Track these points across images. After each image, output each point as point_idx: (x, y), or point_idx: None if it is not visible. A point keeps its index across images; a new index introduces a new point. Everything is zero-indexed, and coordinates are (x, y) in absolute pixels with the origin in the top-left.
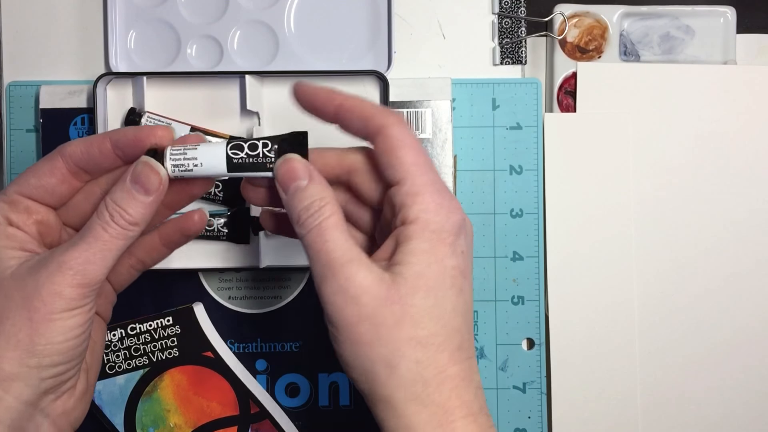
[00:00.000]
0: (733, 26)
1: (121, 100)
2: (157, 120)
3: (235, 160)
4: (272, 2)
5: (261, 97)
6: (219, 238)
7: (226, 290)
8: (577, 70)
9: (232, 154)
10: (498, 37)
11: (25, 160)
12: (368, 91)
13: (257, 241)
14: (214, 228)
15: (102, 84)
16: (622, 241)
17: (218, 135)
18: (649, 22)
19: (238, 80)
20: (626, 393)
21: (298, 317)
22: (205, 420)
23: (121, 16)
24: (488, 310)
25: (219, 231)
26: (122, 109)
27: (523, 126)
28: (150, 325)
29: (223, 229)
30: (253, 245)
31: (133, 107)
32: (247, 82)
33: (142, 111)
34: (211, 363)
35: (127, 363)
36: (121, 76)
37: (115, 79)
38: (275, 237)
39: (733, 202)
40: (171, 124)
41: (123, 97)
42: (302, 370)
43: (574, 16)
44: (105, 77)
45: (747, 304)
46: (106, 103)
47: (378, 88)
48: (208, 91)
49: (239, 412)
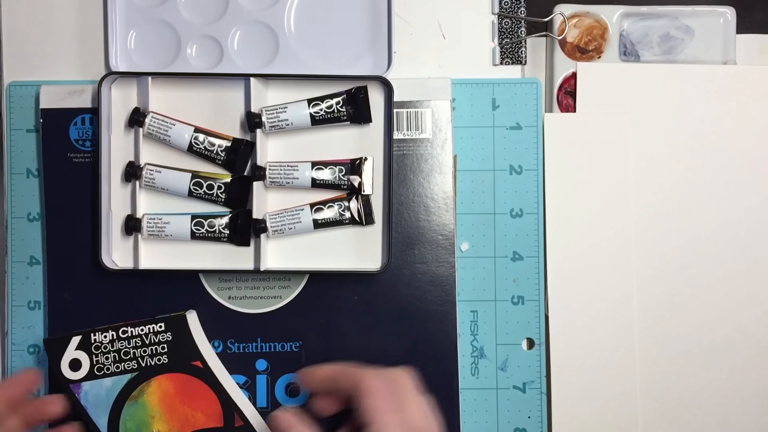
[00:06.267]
0: (733, 26)
1: (125, 100)
2: (160, 120)
3: None
4: (272, 2)
5: (266, 100)
6: (220, 240)
7: (226, 290)
8: (576, 70)
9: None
10: (498, 37)
11: (25, 160)
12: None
13: (258, 244)
14: (215, 229)
15: (107, 83)
16: (622, 241)
17: (223, 136)
18: (648, 23)
19: (243, 82)
20: (626, 393)
21: (298, 317)
22: (188, 429)
23: (121, 16)
24: (488, 310)
25: (220, 232)
26: (126, 109)
27: (523, 126)
28: (142, 329)
29: (224, 231)
30: (253, 248)
31: (138, 107)
32: (252, 84)
33: (146, 111)
34: (200, 373)
35: (115, 366)
36: (126, 76)
37: (120, 78)
38: (276, 239)
39: (732, 202)
40: (175, 125)
41: (127, 96)
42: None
43: (574, 16)
44: (110, 76)
45: (747, 303)
46: (111, 103)
47: (382, 93)
48: (212, 93)
49: (223, 425)
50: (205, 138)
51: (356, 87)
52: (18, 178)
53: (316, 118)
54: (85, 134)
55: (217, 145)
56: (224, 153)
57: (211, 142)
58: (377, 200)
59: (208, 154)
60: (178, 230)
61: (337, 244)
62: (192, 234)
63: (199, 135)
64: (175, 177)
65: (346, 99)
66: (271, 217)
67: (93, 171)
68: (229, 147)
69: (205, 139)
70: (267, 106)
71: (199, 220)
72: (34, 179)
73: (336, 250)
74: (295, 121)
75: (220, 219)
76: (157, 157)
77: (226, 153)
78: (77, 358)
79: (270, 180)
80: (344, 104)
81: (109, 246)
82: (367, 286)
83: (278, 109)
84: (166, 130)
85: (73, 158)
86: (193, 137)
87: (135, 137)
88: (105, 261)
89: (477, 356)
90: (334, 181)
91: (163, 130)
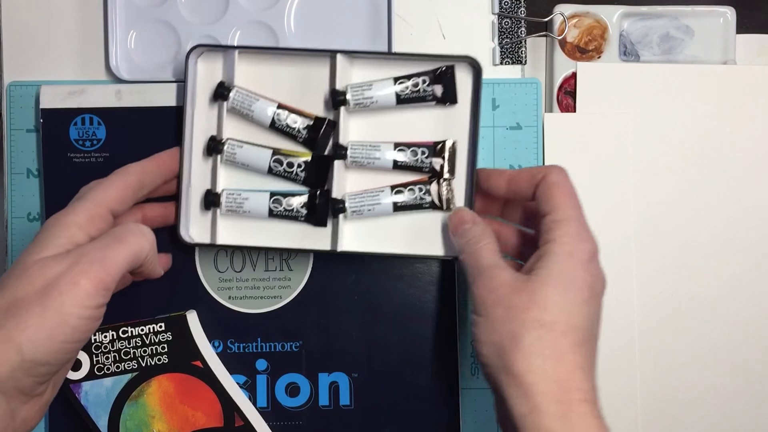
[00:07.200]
0: (733, 26)
1: (210, 73)
2: (245, 95)
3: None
4: (272, 2)
5: (350, 78)
6: (297, 219)
7: (226, 290)
8: (576, 70)
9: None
10: (498, 37)
11: (25, 160)
12: None
13: (337, 225)
14: (293, 208)
15: (194, 56)
16: (622, 241)
17: (305, 114)
18: (648, 23)
19: (328, 59)
20: (626, 393)
21: (298, 317)
22: (188, 429)
23: (121, 16)
24: None
25: (297, 211)
26: (210, 83)
27: (523, 126)
28: (142, 329)
29: (301, 210)
30: (330, 229)
31: (223, 81)
32: (338, 61)
33: (231, 85)
34: (200, 372)
35: (116, 366)
36: (213, 49)
37: (207, 51)
38: (355, 221)
39: (732, 202)
40: (258, 100)
41: (212, 70)
42: (302, 370)
43: (574, 16)
44: (198, 48)
45: (747, 303)
46: (196, 75)
47: (470, 73)
48: (297, 69)
49: (223, 425)
50: (288, 115)
51: (444, 66)
52: (18, 178)
53: (401, 97)
54: (85, 134)
55: (299, 123)
56: (306, 131)
57: (294, 119)
58: (459, 184)
59: (290, 131)
60: (256, 207)
61: (414, 227)
62: (270, 212)
63: (282, 111)
64: (256, 153)
65: (432, 78)
66: (350, 197)
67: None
68: (311, 125)
69: (287, 116)
70: (352, 84)
71: (278, 197)
72: (34, 179)
73: (411, 234)
74: (380, 99)
75: (299, 197)
76: (237, 132)
77: (307, 131)
78: (77, 357)
79: (351, 159)
80: (430, 83)
81: (188, 220)
82: (366, 287)
83: (363, 87)
84: (249, 104)
85: (73, 158)
86: (276, 113)
87: (219, 111)
88: (183, 235)
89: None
90: (415, 163)
91: (246, 105)
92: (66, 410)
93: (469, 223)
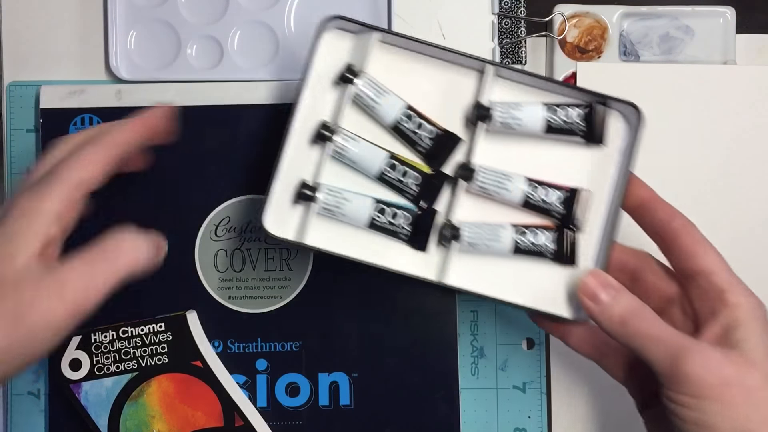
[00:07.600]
0: (733, 26)
1: (336, 53)
2: (373, 85)
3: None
4: (272, 2)
5: (490, 94)
6: (397, 236)
7: (226, 290)
8: (576, 70)
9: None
10: (498, 37)
11: (25, 160)
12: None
13: (446, 254)
14: (398, 223)
15: (330, 27)
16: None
17: (434, 123)
18: (648, 23)
19: (474, 72)
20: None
21: (298, 317)
22: (188, 429)
23: (121, 16)
24: (488, 310)
25: (402, 228)
26: (334, 63)
27: None
28: (142, 329)
29: (406, 228)
30: (437, 257)
31: (351, 64)
32: (486, 72)
33: (360, 71)
34: (200, 372)
35: (116, 366)
36: (349, 25)
37: (336, 30)
38: (466, 253)
39: (732, 202)
40: (388, 95)
41: (339, 49)
42: (302, 370)
43: (573, 16)
44: (335, 20)
45: None
46: (318, 51)
47: (629, 120)
48: (435, 72)
49: (223, 425)
50: (416, 119)
51: (599, 101)
52: (18, 178)
53: (551, 126)
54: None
55: (426, 131)
56: (431, 141)
57: (420, 125)
58: (591, 240)
59: (412, 137)
60: (356, 212)
61: (531, 276)
62: (370, 221)
63: (410, 113)
64: (371, 152)
65: (586, 112)
66: (468, 227)
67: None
68: (439, 136)
69: (415, 120)
70: (498, 101)
71: (383, 207)
72: None
73: (528, 282)
74: (528, 122)
75: (406, 213)
76: (350, 125)
77: (434, 142)
78: (77, 357)
79: (479, 185)
80: (584, 118)
81: (272, 211)
82: (367, 287)
83: (511, 106)
84: (376, 97)
85: None
86: (405, 114)
87: (339, 97)
88: (267, 225)
89: (477, 356)
90: (545, 205)
91: (372, 97)
92: (66, 410)
93: (615, 290)
